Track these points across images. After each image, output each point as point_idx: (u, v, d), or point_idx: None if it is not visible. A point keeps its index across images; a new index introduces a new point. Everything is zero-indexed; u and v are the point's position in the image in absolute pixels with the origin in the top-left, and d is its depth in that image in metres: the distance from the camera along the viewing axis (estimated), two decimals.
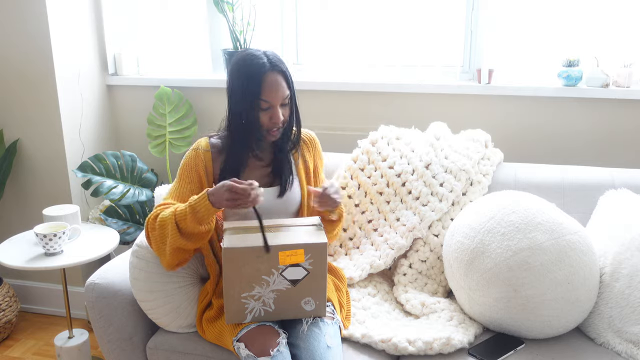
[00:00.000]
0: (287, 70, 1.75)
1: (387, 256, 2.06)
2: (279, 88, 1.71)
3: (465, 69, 2.61)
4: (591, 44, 2.41)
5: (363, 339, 1.77)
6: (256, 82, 1.69)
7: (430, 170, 2.11)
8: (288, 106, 1.77)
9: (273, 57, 1.74)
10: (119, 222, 2.64)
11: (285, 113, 1.75)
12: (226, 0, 2.67)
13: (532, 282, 1.70)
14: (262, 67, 1.70)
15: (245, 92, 1.71)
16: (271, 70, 1.71)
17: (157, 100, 2.78)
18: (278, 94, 1.71)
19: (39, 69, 2.64)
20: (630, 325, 1.71)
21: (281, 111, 1.74)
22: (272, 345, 1.58)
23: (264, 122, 1.74)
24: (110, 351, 1.87)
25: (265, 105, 1.72)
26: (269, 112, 1.72)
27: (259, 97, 1.70)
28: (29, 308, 3.00)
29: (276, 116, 1.72)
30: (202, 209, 1.62)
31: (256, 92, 1.69)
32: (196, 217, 1.62)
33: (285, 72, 1.74)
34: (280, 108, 1.73)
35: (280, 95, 1.72)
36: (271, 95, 1.71)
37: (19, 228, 2.69)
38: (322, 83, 2.64)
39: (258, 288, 1.62)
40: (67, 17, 2.67)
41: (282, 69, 1.73)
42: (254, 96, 1.70)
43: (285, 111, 1.76)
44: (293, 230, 1.67)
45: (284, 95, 1.73)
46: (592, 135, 2.44)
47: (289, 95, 1.75)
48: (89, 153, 2.84)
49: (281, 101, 1.73)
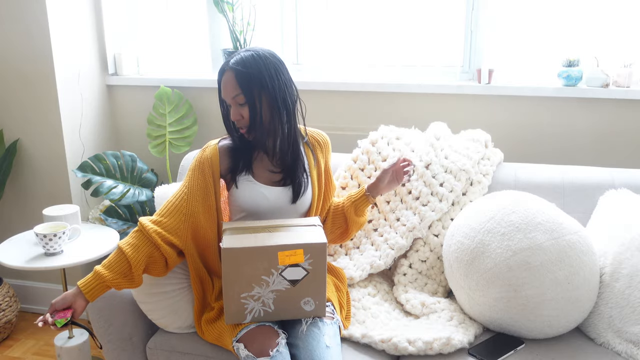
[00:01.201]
0: (247, 74, 1.69)
1: (387, 256, 2.06)
2: (226, 87, 1.72)
3: (465, 69, 2.61)
4: (591, 44, 2.41)
5: (363, 339, 1.77)
6: (218, 81, 1.76)
7: (430, 170, 2.11)
8: (245, 109, 1.72)
9: (242, 56, 1.71)
10: (119, 222, 2.64)
11: (243, 113, 1.72)
12: (226, 0, 2.67)
13: (532, 282, 1.70)
14: (222, 67, 1.75)
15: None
16: (227, 70, 1.72)
17: (157, 100, 2.78)
18: (225, 92, 1.73)
19: (39, 69, 2.64)
20: (630, 325, 1.71)
21: (238, 110, 1.73)
22: (272, 345, 1.58)
23: (232, 119, 1.77)
24: (110, 351, 1.87)
25: (225, 103, 1.78)
26: (232, 111, 1.75)
27: (220, 95, 1.77)
28: (29, 308, 3.00)
29: (231, 114, 1.75)
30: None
31: (219, 91, 1.77)
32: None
33: (237, 71, 1.69)
34: (237, 107, 1.73)
35: (228, 94, 1.72)
36: (223, 92, 1.74)
37: (19, 228, 2.69)
38: (322, 83, 2.64)
39: (257, 288, 1.62)
40: (67, 17, 2.67)
41: (236, 68, 1.69)
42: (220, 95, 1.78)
43: (243, 111, 1.73)
44: (292, 230, 1.67)
45: (231, 95, 1.71)
46: (592, 135, 2.44)
47: (241, 96, 1.70)
48: (89, 153, 2.84)
49: (231, 100, 1.73)
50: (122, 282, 1.67)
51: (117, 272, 1.66)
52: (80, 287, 1.64)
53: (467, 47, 2.58)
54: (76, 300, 1.63)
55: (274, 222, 1.73)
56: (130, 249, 1.68)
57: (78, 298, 1.64)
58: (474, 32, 2.54)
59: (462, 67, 2.60)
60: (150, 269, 1.72)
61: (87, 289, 1.64)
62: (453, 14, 2.55)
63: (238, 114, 1.73)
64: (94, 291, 1.64)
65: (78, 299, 1.64)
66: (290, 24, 2.75)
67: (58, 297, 1.64)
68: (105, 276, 1.64)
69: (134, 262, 1.66)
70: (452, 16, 2.56)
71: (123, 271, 1.66)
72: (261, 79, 1.70)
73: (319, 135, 1.94)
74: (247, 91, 1.70)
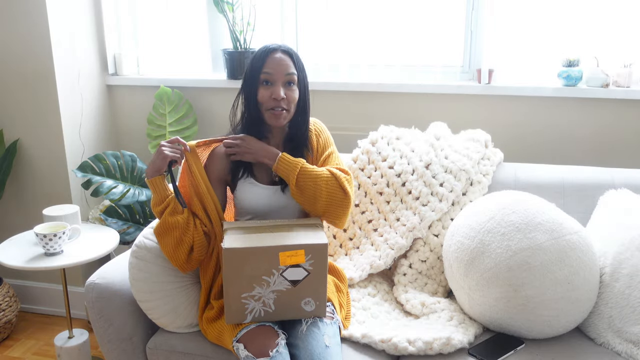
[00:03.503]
0: (299, 58, 1.76)
1: (387, 256, 2.06)
2: (282, 62, 1.71)
3: (465, 69, 2.61)
4: (591, 44, 2.41)
5: (363, 339, 1.77)
6: (261, 59, 1.72)
7: (430, 170, 2.12)
8: (295, 90, 1.74)
9: (286, 46, 1.77)
10: (119, 222, 2.64)
11: (289, 94, 1.72)
12: (226, 0, 2.67)
13: (532, 282, 1.70)
14: (270, 47, 1.74)
15: (251, 70, 1.75)
16: (279, 49, 1.74)
17: (157, 100, 2.78)
18: (280, 67, 1.71)
19: (39, 69, 2.64)
20: (630, 325, 1.71)
21: (285, 89, 1.72)
22: (271, 345, 1.58)
23: (263, 98, 1.72)
24: (110, 351, 1.87)
25: (265, 77, 1.72)
26: (270, 88, 1.71)
27: (260, 71, 1.72)
28: (29, 308, 3.00)
29: (276, 92, 1.70)
30: (148, 185, 1.75)
31: (259, 67, 1.72)
32: (153, 194, 1.74)
33: (294, 54, 1.75)
34: (283, 87, 1.72)
35: (283, 70, 1.71)
36: (273, 67, 1.71)
37: (19, 228, 2.69)
38: (322, 83, 2.64)
39: (258, 288, 1.62)
40: (67, 17, 2.67)
41: (291, 52, 1.75)
42: (257, 72, 1.73)
43: (290, 93, 1.73)
44: (294, 230, 1.67)
45: (287, 71, 1.71)
46: (592, 135, 2.44)
47: (295, 76, 1.73)
48: (89, 153, 2.84)
49: (284, 78, 1.71)
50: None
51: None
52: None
53: (467, 47, 2.58)
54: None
55: (275, 222, 1.73)
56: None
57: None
58: (474, 32, 2.55)
59: (462, 67, 2.60)
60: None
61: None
62: (453, 14, 2.55)
63: (282, 93, 1.71)
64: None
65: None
66: (290, 24, 2.75)
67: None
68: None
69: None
70: (452, 16, 2.56)
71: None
72: (302, 66, 1.77)
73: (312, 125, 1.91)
74: (299, 71, 1.74)
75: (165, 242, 1.75)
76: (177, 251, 1.74)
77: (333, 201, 1.74)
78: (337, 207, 1.75)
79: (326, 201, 1.73)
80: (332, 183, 1.72)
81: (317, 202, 1.73)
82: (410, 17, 2.58)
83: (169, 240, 1.74)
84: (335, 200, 1.74)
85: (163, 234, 1.75)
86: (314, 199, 1.72)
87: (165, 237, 1.74)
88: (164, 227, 1.74)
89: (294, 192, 1.73)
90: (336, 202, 1.74)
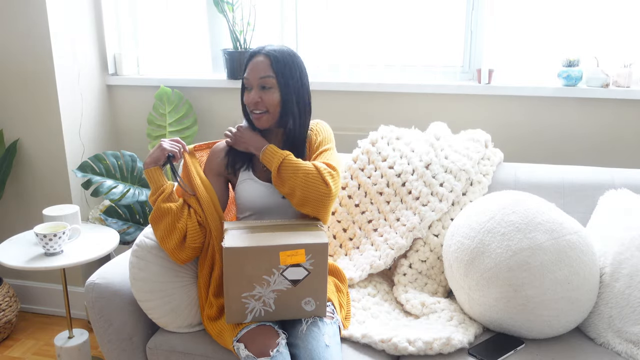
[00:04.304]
0: (282, 60, 1.75)
1: (387, 256, 2.06)
2: (257, 67, 1.75)
3: (465, 69, 2.61)
4: (591, 44, 2.41)
5: (363, 339, 1.77)
6: (245, 64, 1.80)
7: (430, 170, 2.12)
8: (272, 92, 1.76)
9: (277, 47, 1.78)
10: (119, 222, 2.64)
11: (264, 97, 1.75)
12: (226, 0, 2.67)
13: (532, 282, 1.70)
14: (252, 51, 1.79)
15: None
16: (257, 53, 1.77)
17: (157, 100, 2.78)
18: (254, 72, 1.75)
19: (39, 69, 2.64)
20: (630, 325, 1.71)
21: (259, 93, 1.75)
22: (272, 345, 1.58)
23: (246, 103, 1.80)
24: (110, 351, 1.87)
25: (245, 83, 1.79)
26: (249, 93, 1.78)
27: (243, 76, 1.79)
28: (29, 308, 3.00)
29: (249, 97, 1.77)
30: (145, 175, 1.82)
31: (243, 73, 1.80)
32: (150, 185, 1.81)
33: (274, 56, 1.75)
34: (259, 91, 1.75)
35: (257, 74, 1.75)
36: (249, 72, 1.77)
37: (19, 228, 2.69)
38: (322, 83, 2.64)
39: (259, 288, 1.62)
40: (67, 17, 2.67)
41: (273, 54, 1.75)
42: (242, 77, 1.81)
43: (266, 95, 1.75)
44: (294, 230, 1.67)
45: (260, 75, 1.74)
46: (592, 135, 2.45)
47: (271, 79, 1.74)
48: (89, 153, 2.84)
49: (258, 81, 1.75)
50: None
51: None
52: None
53: (467, 47, 2.58)
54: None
55: (275, 222, 1.73)
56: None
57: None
58: (474, 32, 2.55)
59: (462, 67, 2.60)
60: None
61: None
62: (453, 14, 2.55)
63: (257, 97, 1.76)
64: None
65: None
66: (290, 24, 2.75)
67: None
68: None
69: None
70: (452, 16, 2.56)
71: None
72: (292, 70, 1.77)
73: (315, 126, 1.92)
74: (281, 76, 1.75)
75: (159, 228, 1.78)
76: (169, 237, 1.76)
77: (312, 193, 1.71)
78: (317, 200, 1.72)
79: (304, 192, 1.71)
80: (313, 175, 1.72)
81: (295, 193, 1.72)
82: (410, 17, 2.58)
83: (162, 226, 1.77)
84: (314, 193, 1.71)
85: (157, 220, 1.78)
86: (292, 189, 1.72)
87: (159, 224, 1.78)
88: (158, 214, 1.78)
89: (276, 182, 1.74)
90: (316, 195, 1.71)
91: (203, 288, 1.83)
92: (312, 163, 1.75)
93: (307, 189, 1.71)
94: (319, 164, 1.75)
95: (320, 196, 1.72)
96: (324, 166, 1.75)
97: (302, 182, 1.71)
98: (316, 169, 1.73)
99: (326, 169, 1.74)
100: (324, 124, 1.94)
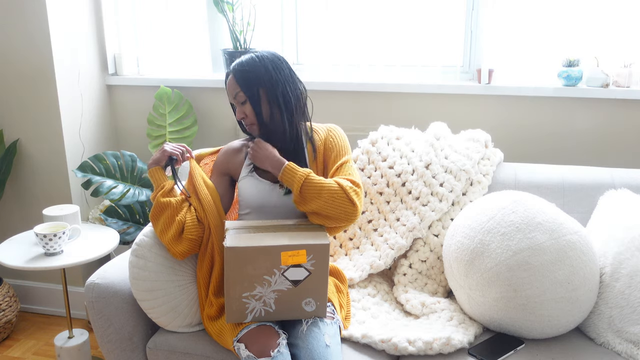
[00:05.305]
0: (248, 74, 1.78)
1: (387, 256, 2.06)
2: (229, 87, 1.83)
3: (465, 69, 2.61)
4: (591, 44, 2.41)
5: (363, 339, 1.77)
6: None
7: (430, 170, 2.12)
8: (248, 106, 1.81)
9: (241, 59, 1.82)
10: (119, 222, 2.64)
11: (246, 111, 1.81)
12: (226, 0, 2.67)
13: (532, 282, 1.70)
14: (226, 72, 1.86)
15: None
16: (229, 74, 1.83)
17: (157, 100, 2.78)
18: (229, 93, 1.83)
19: (39, 69, 2.63)
20: (630, 325, 1.71)
21: (241, 109, 1.82)
22: (273, 345, 1.58)
23: (237, 118, 1.87)
24: (110, 351, 1.87)
25: (230, 102, 1.88)
26: (236, 110, 1.85)
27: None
28: (29, 308, 3.00)
29: (237, 114, 1.84)
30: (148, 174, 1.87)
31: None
32: (153, 185, 1.85)
33: (236, 70, 1.80)
34: (241, 106, 1.82)
35: (231, 94, 1.83)
36: (228, 95, 1.85)
37: (19, 228, 2.69)
38: (322, 83, 2.64)
39: (259, 288, 1.62)
40: (67, 17, 2.66)
41: (235, 68, 1.81)
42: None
43: (247, 109, 1.81)
44: (295, 230, 1.68)
45: (232, 94, 1.82)
46: (592, 135, 2.45)
47: (242, 94, 1.79)
48: (89, 153, 2.84)
49: (235, 100, 1.82)
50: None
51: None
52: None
53: (467, 47, 2.58)
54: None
55: (277, 222, 1.73)
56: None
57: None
58: (474, 32, 2.55)
59: (462, 67, 2.60)
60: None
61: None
62: (453, 14, 2.55)
63: (242, 113, 1.82)
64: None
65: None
66: (290, 24, 2.75)
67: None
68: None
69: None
70: (452, 16, 2.55)
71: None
72: (258, 75, 1.79)
73: (322, 130, 1.92)
74: (246, 88, 1.79)
75: (158, 222, 1.80)
76: (168, 230, 1.77)
77: (338, 214, 1.70)
78: (342, 219, 1.72)
79: (329, 212, 1.70)
80: (339, 195, 1.70)
81: (320, 213, 1.71)
82: (410, 17, 2.58)
83: (162, 220, 1.79)
84: (340, 214, 1.70)
85: (156, 214, 1.80)
86: (316, 210, 1.70)
87: (159, 218, 1.79)
88: (157, 208, 1.80)
89: (298, 201, 1.72)
90: (342, 215, 1.71)
91: (203, 287, 1.83)
92: (335, 181, 1.72)
93: (332, 209, 1.70)
94: (343, 181, 1.73)
95: (346, 215, 1.71)
96: (348, 184, 1.73)
97: (327, 202, 1.69)
98: (341, 187, 1.71)
99: (351, 188, 1.72)
100: (338, 131, 1.93)
